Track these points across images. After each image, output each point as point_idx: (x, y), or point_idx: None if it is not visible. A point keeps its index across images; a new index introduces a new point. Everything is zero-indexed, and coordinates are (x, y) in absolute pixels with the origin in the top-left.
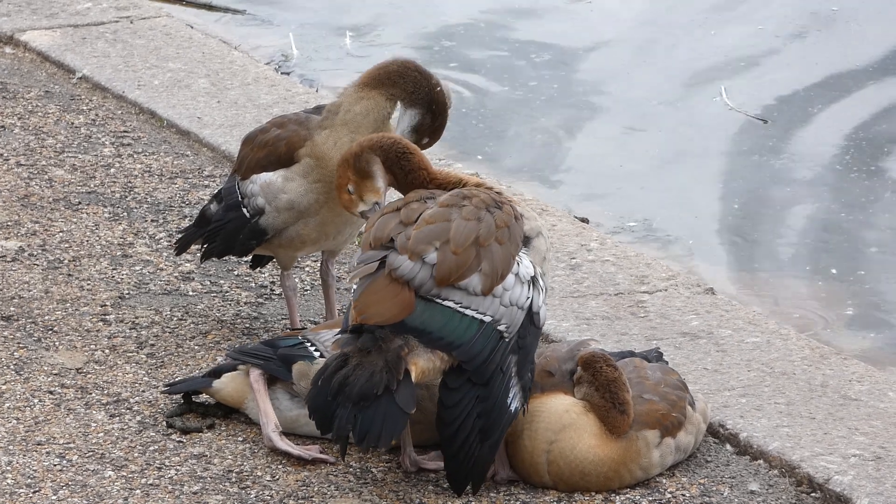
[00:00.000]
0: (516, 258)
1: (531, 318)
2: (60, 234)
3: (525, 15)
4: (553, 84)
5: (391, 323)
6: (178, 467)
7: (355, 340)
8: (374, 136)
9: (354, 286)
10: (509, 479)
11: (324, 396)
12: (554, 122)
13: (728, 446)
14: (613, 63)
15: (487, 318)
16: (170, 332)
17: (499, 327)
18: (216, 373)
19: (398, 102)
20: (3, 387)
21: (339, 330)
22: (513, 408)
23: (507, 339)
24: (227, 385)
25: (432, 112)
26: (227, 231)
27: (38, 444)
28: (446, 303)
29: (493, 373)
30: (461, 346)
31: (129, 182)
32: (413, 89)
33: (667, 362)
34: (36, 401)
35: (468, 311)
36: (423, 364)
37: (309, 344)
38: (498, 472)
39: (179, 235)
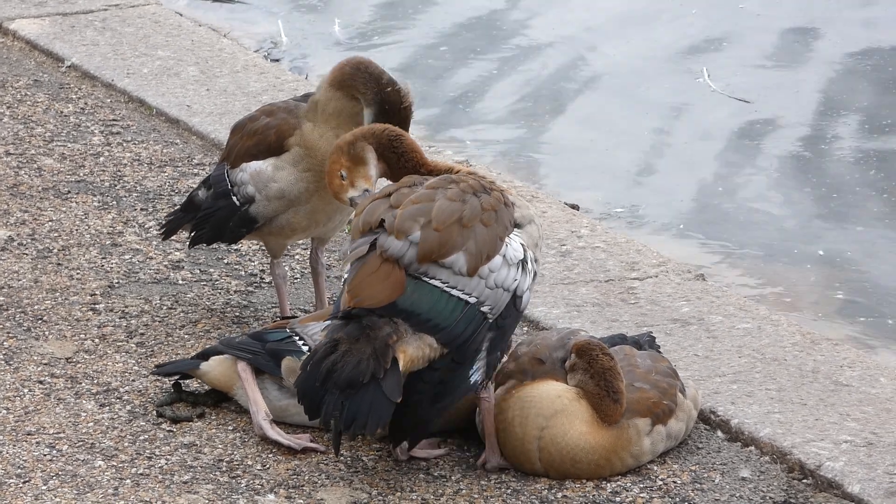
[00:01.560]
0: (505, 240)
1: (514, 302)
2: (50, 223)
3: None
4: (536, 68)
5: (384, 305)
6: (168, 456)
7: (344, 327)
8: (367, 126)
9: (346, 272)
10: (500, 467)
11: (312, 381)
12: (538, 107)
13: (719, 433)
14: (595, 46)
15: (472, 300)
16: (159, 321)
17: (482, 308)
18: (204, 355)
19: (363, 104)
20: None
21: (328, 319)
22: (472, 379)
23: (489, 320)
24: (214, 368)
25: (385, 112)
26: (216, 219)
27: (28, 434)
28: (433, 281)
29: (473, 352)
30: (445, 329)
31: (119, 171)
32: (364, 90)
33: (659, 346)
34: (26, 391)
35: (454, 292)
36: (411, 352)
37: (297, 338)
38: (489, 460)
39: (167, 220)
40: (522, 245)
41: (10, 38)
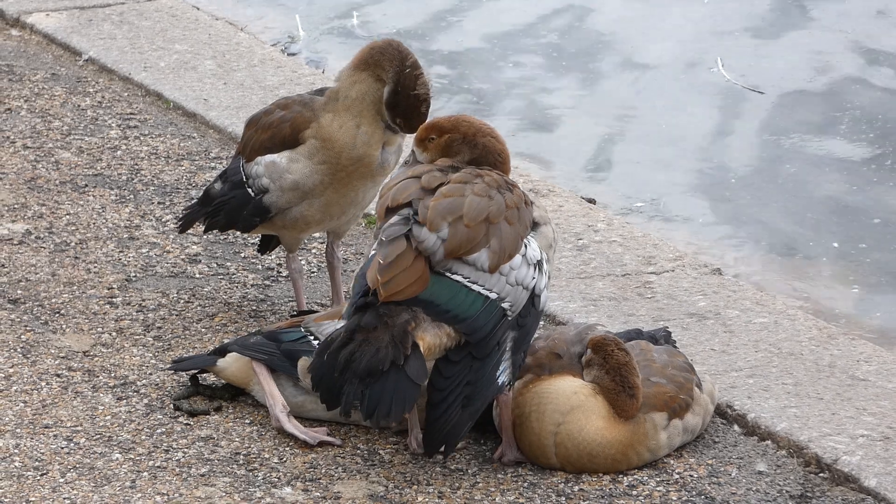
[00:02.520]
0: (524, 240)
1: (532, 301)
2: (67, 216)
3: None
4: (555, 60)
5: (409, 298)
6: (185, 450)
7: (360, 318)
8: (488, 128)
9: (375, 249)
10: (517, 461)
11: (329, 371)
12: (557, 101)
13: (736, 427)
14: (609, 37)
15: (493, 295)
16: (176, 315)
17: (503, 304)
18: (221, 351)
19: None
20: (11, 370)
21: (349, 302)
22: (500, 381)
23: (509, 317)
24: (231, 364)
25: (397, 92)
26: (230, 206)
27: (46, 427)
28: (455, 276)
29: (493, 348)
30: (466, 320)
31: (136, 164)
32: (388, 66)
33: (675, 341)
34: (43, 384)
35: (475, 287)
36: (430, 339)
37: (312, 337)
38: (505, 454)
39: (183, 213)
40: (539, 247)
41: (27, 31)
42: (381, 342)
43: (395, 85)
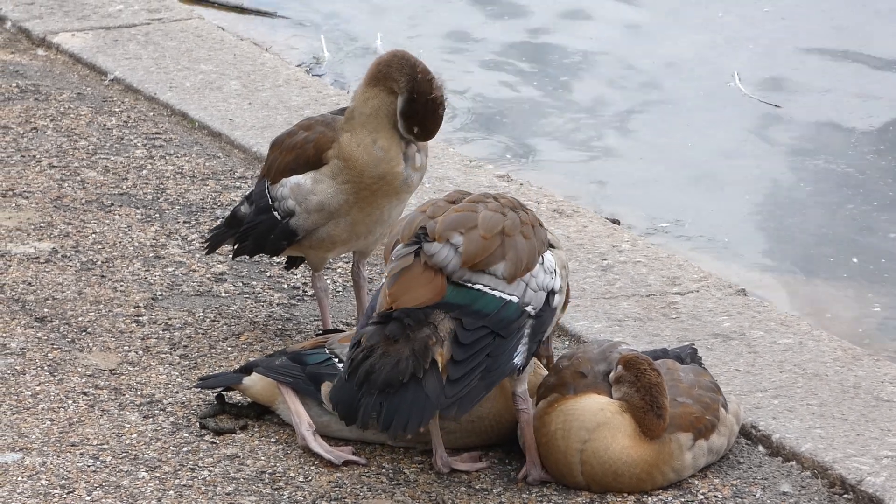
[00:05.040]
0: (541, 255)
1: (548, 299)
2: (93, 235)
3: (545, 10)
4: (577, 82)
5: (424, 304)
6: (211, 468)
7: (382, 330)
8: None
9: (386, 277)
10: (542, 480)
11: (349, 388)
12: (581, 121)
13: (760, 447)
14: (626, 53)
15: (514, 299)
16: (202, 334)
17: (526, 308)
18: (247, 369)
19: (397, 93)
20: (38, 388)
21: (363, 323)
22: (515, 360)
23: (529, 313)
24: (256, 383)
25: (413, 100)
26: (258, 231)
27: (72, 445)
28: (476, 286)
29: (515, 329)
30: (489, 315)
31: (161, 183)
32: (399, 77)
33: (701, 358)
34: (70, 402)
35: (496, 293)
36: (448, 354)
37: (336, 360)
38: (530, 474)
39: (210, 235)
40: (554, 263)
41: (53, 51)
42: (401, 354)
43: (409, 93)
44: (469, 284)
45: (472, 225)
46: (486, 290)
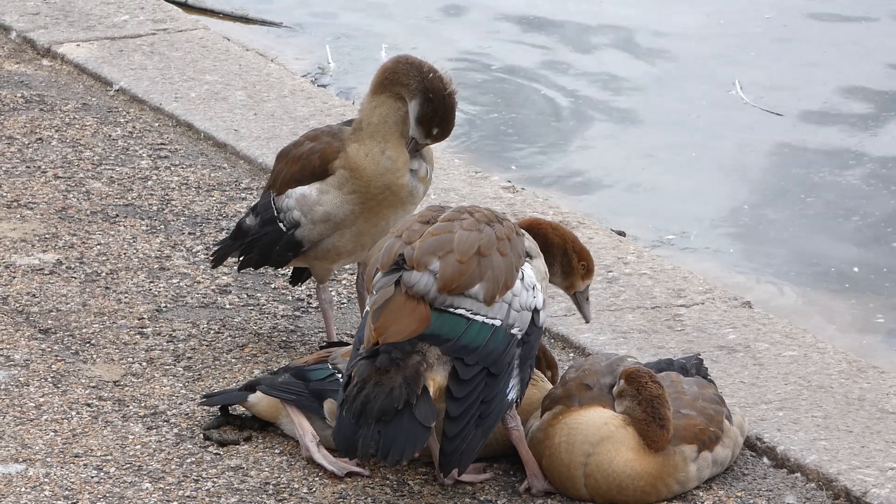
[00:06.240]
0: (520, 269)
1: (533, 319)
2: (98, 246)
3: (548, 26)
4: (582, 92)
5: (410, 336)
6: (214, 479)
7: (372, 363)
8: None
9: (370, 307)
10: (545, 491)
11: (347, 422)
12: (584, 133)
13: (765, 459)
14: (625, 64)
15: (498, 323)
16: (207, 345)
17: (511, 331)
18: (251, 387)
19: (407, 99)
20: (41, 399)
21: (351, 356)
22: (510, 397)
23: (517, 338)
24: (261, 400)
25: (429, 100)
26: (263, 243)
27: (76, 457)
28: (458, 311)
29: (507, 365)
30: (478, 349)
31: (167, 195)
32: (407, 81)
33: (706, 369)
34: (73, 413)
35: (478, 318)
36: (440, 380)
37: (339, 375)
38: (533, 486)
39: (216, 248)
40: (533, 275)
41: (58, 62)
42: (394, 382)
43: (423, 94)
44: (451, 310)
45: (448, 249)
46: (469, 315)
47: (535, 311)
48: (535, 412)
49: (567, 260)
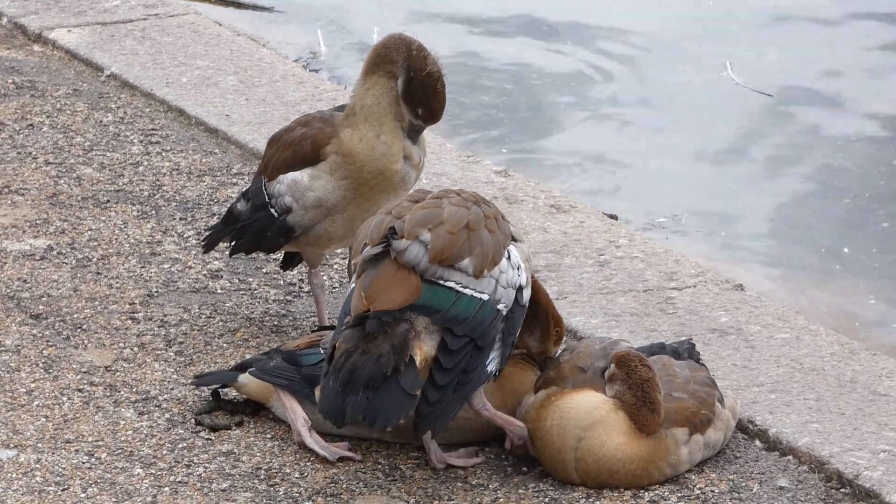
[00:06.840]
0: (506, 248)
1: (517, 297)
2: (89, 232)
3: (548, 8)
4: (574, 76)
5: (401, 306)
6: (206, 465)
7: (360, 330)
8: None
9: (355, 276)
10: (525, 437)
11: (334, 391)
12: (576, 116)
13: (757, 442)
14: (618, 47)
15: (486, 297)
16: (198, 330)
17: (497, 306)
18: (243, 367)
19: (398, 77)
20: (32, 385)
21: (339, 324)
22: (489, 369)
23: (503, 314)
24: (252, 381)
25: (412, 78)
26: (254, 229)
27: (67, 442)
28: (448, 283)
29: (491, 339)
30: (466, 320)
31: (158, 180)
32: (397, 57)
33: (699, 353)
34: (65, 399)
35: (467, 291)
36: (426, 349)
37: None
38: (514, 434)
39: (207, 233)
40: (518, 256)
41: (49, 47)
42: (382, 349)
43: (406, 72)
44: (441, 282)
45: (438, 221)
46: (459, 287)
47: (520, 289)
48: (528, 394)
49: (546, 325)
